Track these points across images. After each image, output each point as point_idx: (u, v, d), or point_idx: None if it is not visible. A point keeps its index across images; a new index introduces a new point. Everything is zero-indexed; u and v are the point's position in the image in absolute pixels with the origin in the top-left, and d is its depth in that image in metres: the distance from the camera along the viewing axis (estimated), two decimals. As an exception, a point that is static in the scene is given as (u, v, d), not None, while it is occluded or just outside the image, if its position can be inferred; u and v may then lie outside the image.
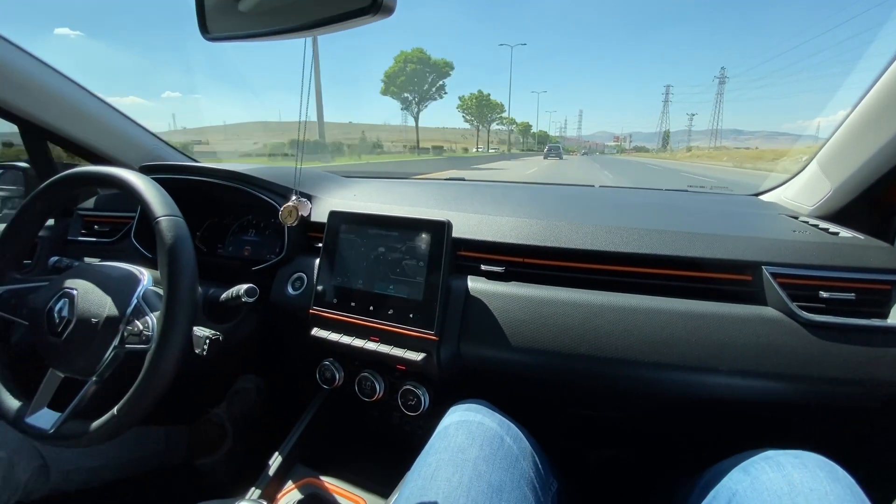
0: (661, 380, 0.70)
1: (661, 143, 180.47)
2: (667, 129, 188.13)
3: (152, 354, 0.65)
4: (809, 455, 0.53)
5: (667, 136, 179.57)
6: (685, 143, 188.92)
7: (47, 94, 1.03)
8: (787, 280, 0.70)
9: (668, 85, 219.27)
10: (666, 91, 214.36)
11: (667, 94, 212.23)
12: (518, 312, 0.75)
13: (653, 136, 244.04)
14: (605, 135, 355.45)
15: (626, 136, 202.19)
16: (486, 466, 0.57)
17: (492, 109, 70.70)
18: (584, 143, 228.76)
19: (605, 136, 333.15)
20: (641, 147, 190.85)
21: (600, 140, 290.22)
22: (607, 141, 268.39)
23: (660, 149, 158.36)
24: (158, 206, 0.70)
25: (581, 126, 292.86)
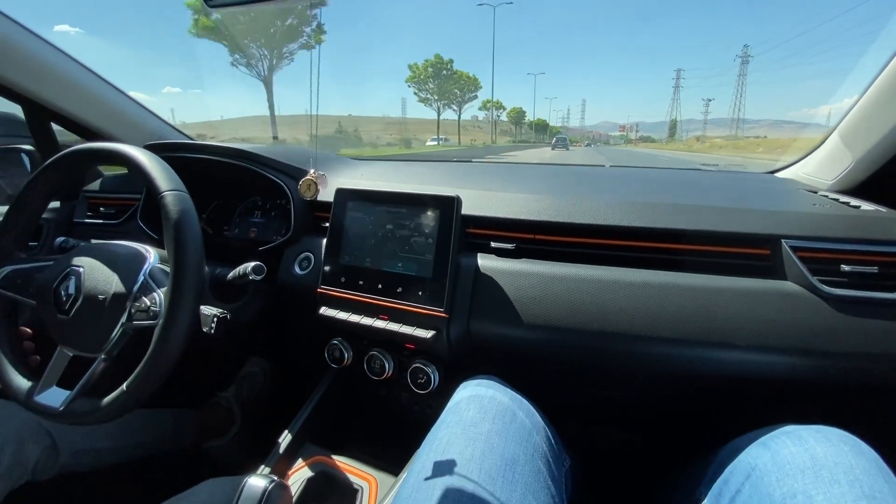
0: (676, 356, 0.68)
1: (669, 132, 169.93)
2: (674, 118, 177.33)
3: (160, 329, 0.64)
4: (832, 430, 0.51)
5: (674, 124, 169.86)
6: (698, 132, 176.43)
7: (52, 75, 1.02)
8: (807, 254, 0.68)
9: (679, 69, 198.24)
10: (677, 76, 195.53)
11: (678, 78, 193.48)
12: (528, 289, 0.74)
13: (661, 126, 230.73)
14: (608, 125, 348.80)
15: (632, 125, 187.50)
16: (498, 440, 0.56)
17: (458, 83, 54.22)
18: (587, 133, 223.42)
19: (609, 126, 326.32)
20: (647, 137, 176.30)
21: (604, 130, 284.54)
22: (611, 131, 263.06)
23: (667, 138, 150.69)
24: (163, 180, 0.69)
25: (584, 116, 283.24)
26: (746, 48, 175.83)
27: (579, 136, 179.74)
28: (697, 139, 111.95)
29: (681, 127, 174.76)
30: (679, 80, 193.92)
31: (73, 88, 1.07)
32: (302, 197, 0.77)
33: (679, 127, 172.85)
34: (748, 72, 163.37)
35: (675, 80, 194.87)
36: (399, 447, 0.80)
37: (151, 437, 1.09)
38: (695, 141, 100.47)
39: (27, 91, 0.99)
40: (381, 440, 0.89)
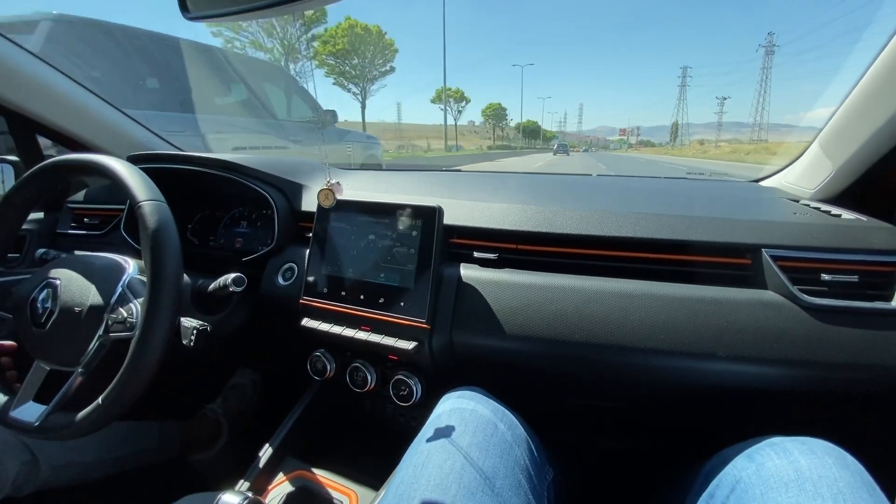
0: (659, 366, 0.68)
1: (671, 136, 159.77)
2: (675, 121, 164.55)
3: (136, 340, 0.64)
4: (817, 441, 0.51)
5: (676, 128, 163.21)
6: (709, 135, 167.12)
7: (35, 86, 1.02)
8: (787, 263, 0.68)
9: (686, 67, 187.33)
10: (683, 74, 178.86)
11: (683, 77, 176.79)
12: (511, 300, 0.73)
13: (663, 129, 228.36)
14: (606, 129, 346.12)
15: (632, 129, 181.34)
16: (478, 453, 0.55)
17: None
18: (584, 138, 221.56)
19: (607, 131, 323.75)
20: (647, 141, 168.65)
21: (602, 135, 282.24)
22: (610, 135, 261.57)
23: (669, 142, 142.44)
24: (140, 190, 0.69)
25: (581, 120, 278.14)
26: (771, 36, 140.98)
27: (577, 141, 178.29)
28: (701, 143, 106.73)
29: (686, 130, 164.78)
30: (685, 78, 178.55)
31: (57, 100, 1.06)
32: (321, 205, 0.77)
33: (682, 130, 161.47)
34: (773, 64, 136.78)
35: (682, 78, 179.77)
36: (382, 460, 0.79)
37: (135, 450, 1.08)
38: (698, 145, 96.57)
39: (10, 103, 0.99)
40: (364, 453, 0.88)
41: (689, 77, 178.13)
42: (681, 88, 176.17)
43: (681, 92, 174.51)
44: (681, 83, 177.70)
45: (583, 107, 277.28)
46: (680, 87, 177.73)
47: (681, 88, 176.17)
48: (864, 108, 0.75)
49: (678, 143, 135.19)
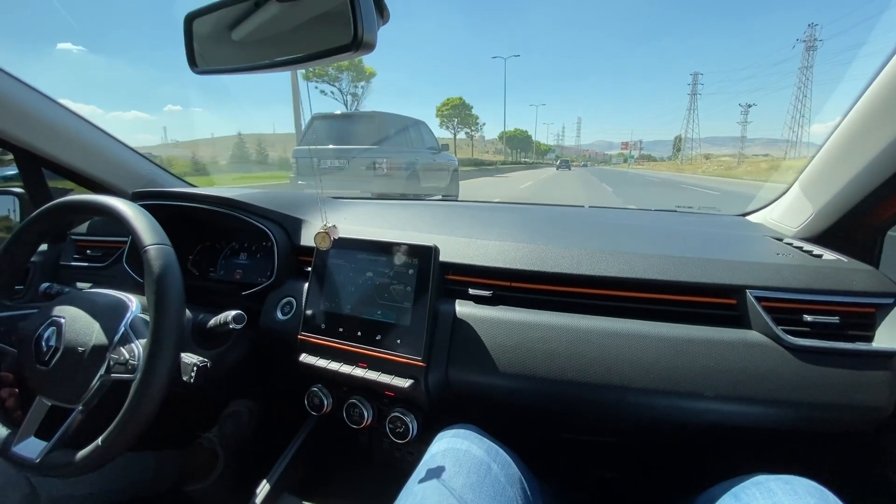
0: (648, 405, 0.70)
1: (674, 150, 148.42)
2: (679, 135, 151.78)
3: (137, 385, 0.65)
4: (800, 480, 0.52)
5: (678, 142, 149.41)
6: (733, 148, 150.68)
7: (43, 123, 1.05)
8: (771, 304, 0.70)
9: (697, 73, 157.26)
10: (693, 81, 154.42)
11: (694, 84, 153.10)
12: (505, 338, 0.75)
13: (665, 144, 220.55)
14: (604, 143, 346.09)
15: (635, 142, 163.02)
16: (472, 495, 0.57)
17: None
18: (583, 152, 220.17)
19: (605, 145, 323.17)
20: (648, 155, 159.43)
21: (600, 149, 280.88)
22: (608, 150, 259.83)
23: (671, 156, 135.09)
24: (147, 234, 0.71)
25: (580, 134, 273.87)
26: (812, 27, 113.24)
27: (575, 155, 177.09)
28: (706, 157, 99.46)
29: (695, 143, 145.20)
30: (696, 85, 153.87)
31: (63, 136, 1.09)
32: (318, 247, 0.79)
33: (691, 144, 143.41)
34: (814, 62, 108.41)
35: (692, 86, 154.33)
36: (378, 497, 0.80)
37: (132, 481, 1.08)
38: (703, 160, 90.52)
39: (19, 140, 1.02)
40: (360, 489, 0.88)
41: (700, 84, 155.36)
42: (691, 97, 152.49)
43: (691, 101, 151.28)
44: (691, 91, 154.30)
45: (581, 120, 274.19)
46: (690, 96, 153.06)
47: (691, 97, 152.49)
48: (842, 152, 0.78)
49: (681, 158, 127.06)
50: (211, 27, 0.64)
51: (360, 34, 0.49)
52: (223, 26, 0.63)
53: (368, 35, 0.50)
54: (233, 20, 0.62)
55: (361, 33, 0.49)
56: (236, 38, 0.63)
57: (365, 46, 0.50)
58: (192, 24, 0.64)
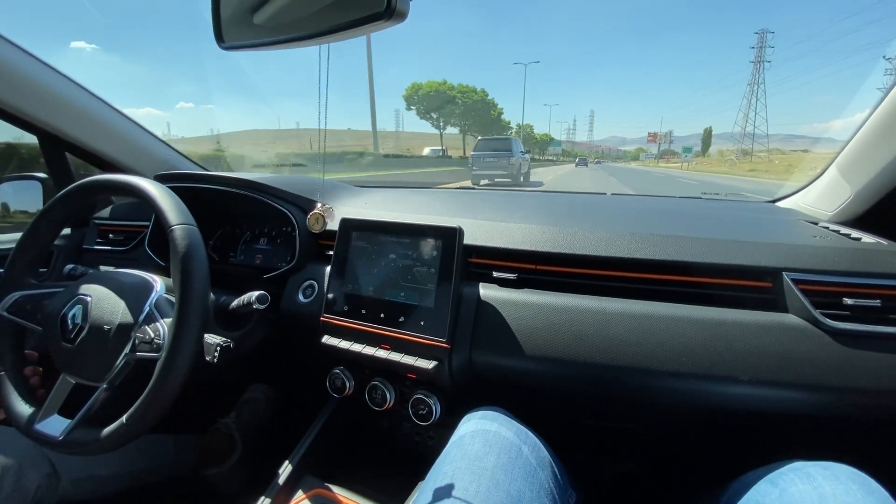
0: (680, 389, 0.68)
1: (703, 145, 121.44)
2: (707, 128, 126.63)
3: (162, 363, 0.65)
4: (841, 467, 0.50)
5: (708, 135, 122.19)
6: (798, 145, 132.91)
7: (66, 106, 1.06)
8: (809, 287, 0.68)
9: (764, 30, 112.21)
10: (760, 42, 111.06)
11: (761, 47, 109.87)
12: (531, 320, 0.74)
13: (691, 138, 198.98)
14: (617, 139, 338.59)
15: (664, 133, 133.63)
16: (504, 476, 0.56)
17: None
18: (595, 147, 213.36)
19: (617, 141, 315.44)
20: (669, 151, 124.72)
21: (613, 145, 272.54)
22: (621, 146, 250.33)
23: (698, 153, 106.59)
24: (173, 214, 0.71)
25: (592, 128, 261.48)
26: None
27: (588, 151, 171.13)
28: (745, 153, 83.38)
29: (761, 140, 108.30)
30: (763, 49, 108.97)
31: (87, 119, 1.10)
32: (310, 230, 0.79)
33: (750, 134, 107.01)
34: None
35: (758, 49, 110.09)
36: (400, 479, 0.79)
37: (152, 464, 1.08)
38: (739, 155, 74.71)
39: (42, 122, 1.03)
40: (382, 472, 0.88)
41: (770, 47, 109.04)
42: (756, 65, 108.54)
43: (756, 71, 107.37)
44: (756, 57, 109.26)
45: (594, 114, 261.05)
46: (755, 63, 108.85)
47: (756, 65, 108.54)
48: (883, 132, 0.75)
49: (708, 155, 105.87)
50: (238, 2, 0.64)
51: (394, 2, 0.48)
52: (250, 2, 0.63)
53: (402, 3, 0.49)
54: (259, -3, 0.61)
55: (395, 1, 0.48)
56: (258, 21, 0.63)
57: (397, 15, 0.49)
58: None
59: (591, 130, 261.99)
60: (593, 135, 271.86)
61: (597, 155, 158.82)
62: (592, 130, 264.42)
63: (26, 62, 0.96)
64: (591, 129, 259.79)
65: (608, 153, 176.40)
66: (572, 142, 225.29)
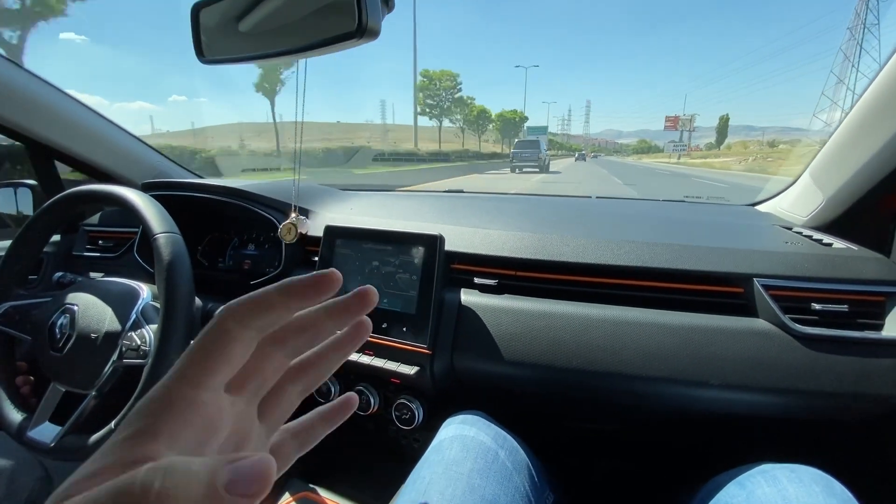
0: (655, 393, 0.70)
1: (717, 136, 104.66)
2: (724, 116, 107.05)
3: (149, 370, 0.66)
4: (805, 469, 0.52)
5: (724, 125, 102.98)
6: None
7: (53, 115, 1.06)
8: (778, 292, 0.70)
9: None
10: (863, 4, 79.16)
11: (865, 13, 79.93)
12: (510, 325, 0.75)
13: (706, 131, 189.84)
14: (613, 132, 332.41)
15: (686, 118, 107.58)
16: (480, 480, 0.57)
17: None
18: (591, 140, 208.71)
19: (614, 134, 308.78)
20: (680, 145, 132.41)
21: (610, 138, 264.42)
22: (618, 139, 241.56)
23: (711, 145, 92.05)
24: (157, 223, 0.72)
25: (589, 120, 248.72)
26: None
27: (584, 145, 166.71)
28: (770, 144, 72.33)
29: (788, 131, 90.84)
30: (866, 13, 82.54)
31: (74, 128, 1.11)
32: (282, 240, 0.80)
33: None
34: None
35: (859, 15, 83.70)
36: (385, 482, 0.81)
37: None
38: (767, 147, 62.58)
39: (30, 132, 1.03)
40: (366, 475, 0.89)
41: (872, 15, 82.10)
42: (858, 28, 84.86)
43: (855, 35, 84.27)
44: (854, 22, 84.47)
45: (590, 104, 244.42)
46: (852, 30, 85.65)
47: (858, 28, 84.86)
48: (852, 138, 0.77)
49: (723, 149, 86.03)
50: (218, 17, 0.65)
51: (365, 21, 0.49)
52: (230, 17, 0.64)
53: (373, 22, 0.50)
54: (240, 10, 0.62)
55: (366, 21, 0.49)
56: (243, 29, 0.64)
57: (369, 33, 0.51)
58: (199, 14, 0.65)
59: (588, 122, 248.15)
60: (589, 127, 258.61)
61: (593, 148, 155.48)
62: (589, 122, 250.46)
63: (12, 72, 0.97)
64: (587, 121, 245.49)
65: (605, 146, 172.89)
66: (567, 134, 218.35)
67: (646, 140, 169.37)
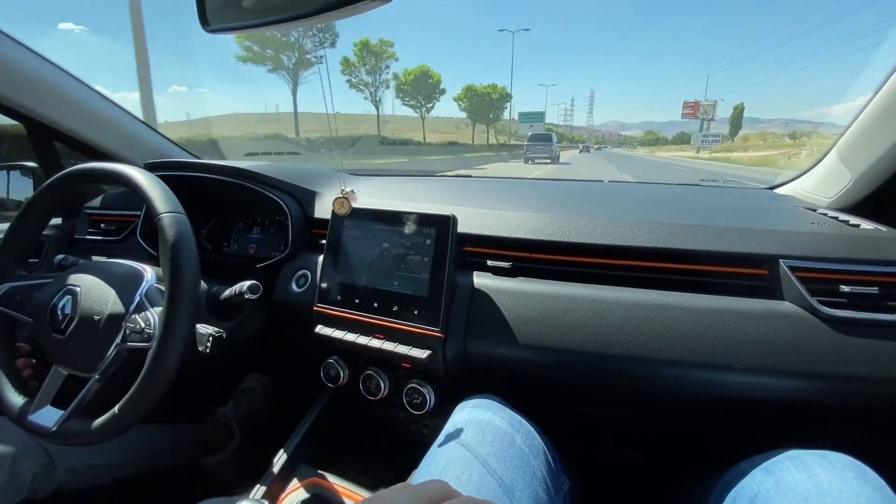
0: (674, 377, 0.67)
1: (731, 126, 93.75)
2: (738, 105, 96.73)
3: (153, 353, 0.64)
4: (837, 455, 0.50)
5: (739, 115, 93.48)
6: None
7: (54, 93, 1.04)
8: (805, 274, 0.67)
9: None
10: None
11: None
12: (525, 309, 0.73)
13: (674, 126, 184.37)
14: (617, 124, 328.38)
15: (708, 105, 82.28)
16: (496, 464, 0.55)
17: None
18: (595, 132, 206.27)
19: (618, 126, 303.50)
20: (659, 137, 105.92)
21: (614, 129, 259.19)
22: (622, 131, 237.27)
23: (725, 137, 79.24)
24: (161, 202, 0.69)
25: (593, 111, 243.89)
26: None
27: (587, 136, 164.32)
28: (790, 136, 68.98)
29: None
30: None
31: (74, 107, 1.08)
32: (337, 213, 0.77)
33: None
34: None
35: None
36: (395, 468, 0.79)
37: (149, 454, 1.09)
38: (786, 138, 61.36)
39: (29, 110, 1.01)
40: (376, 461, 0.88)
41: None
42: None
43: None
44: None
45: (594, 94, 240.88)
46: None
47: None
48: (884, 117, 0.74)
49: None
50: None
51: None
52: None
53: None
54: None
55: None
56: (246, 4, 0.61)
57: (382, -7, 0.48)
58: (203, -20, 0.61)
59: (591, 113, 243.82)
60: (593, 118, 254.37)
61: (597, 140, 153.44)
62: (592, 113, 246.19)
63: (10, 48, 0.94)
64: (590, 111, 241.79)
65: (608, 138, 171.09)
66: (570, 125, 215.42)
67: (653, 131, 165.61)
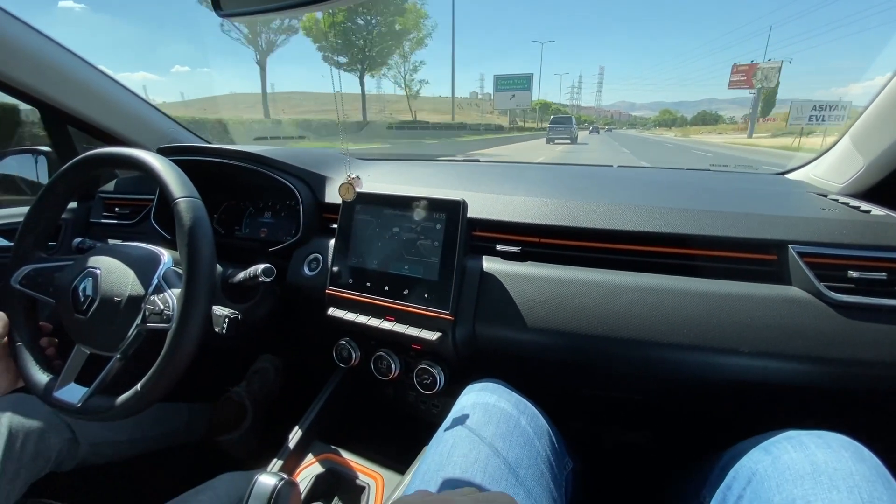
0: (681, 361, 0.68)
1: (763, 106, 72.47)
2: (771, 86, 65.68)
3: (173, 333, 0.66)
4: (833, 435, 0.51)
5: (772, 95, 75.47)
6: None
7: (68, 79, 1.05)
8: (814, 259, 0.68)
9: None
10: None
11: None
12: (534, 293, 0.74)
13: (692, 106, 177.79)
14: (626, 104, 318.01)
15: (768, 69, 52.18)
16: (502, 444, 0.57)
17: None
18: (604, 112, 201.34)
19: (627, 106, 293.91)
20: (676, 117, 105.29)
21: (623, 109, 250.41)
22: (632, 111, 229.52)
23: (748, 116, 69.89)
24: (177, 187, 0.71)
25: (602, 90, 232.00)
26: None
27: (596, 116, 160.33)
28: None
29: None
30: None
31: (88, 92, 1.09)
32: (343, 199, 0.79)
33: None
34: None
35: None
36: (405, 446, 0.82)
37: (167, 430, 1.13)
38: None
39: (44, 95, 1.02)
40: (388, 439, 0.90)
41: None
42: None
43: None
44: None
45: (603, 71, 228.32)
46: None
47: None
48: None
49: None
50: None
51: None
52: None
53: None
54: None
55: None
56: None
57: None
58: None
59: (601, 92, 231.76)
60: (602, 98, 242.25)
61: (606, 121, 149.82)
62: (601, 92, 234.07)
63: (26, 34, 0.95)
64: (599, 90, 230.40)
65: (618, 119, 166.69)
66: (577, 105, 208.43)
67: (669, 111, 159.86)
